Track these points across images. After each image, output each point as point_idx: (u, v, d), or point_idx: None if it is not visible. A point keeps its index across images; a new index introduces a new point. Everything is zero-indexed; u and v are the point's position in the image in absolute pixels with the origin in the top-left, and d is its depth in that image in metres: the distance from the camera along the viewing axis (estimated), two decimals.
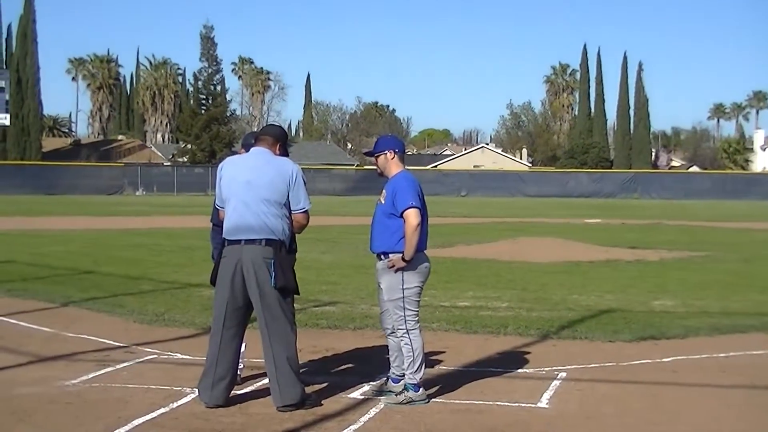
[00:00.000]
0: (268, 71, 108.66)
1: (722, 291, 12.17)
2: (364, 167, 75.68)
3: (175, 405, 6.10)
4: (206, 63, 74.28)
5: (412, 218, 6.11)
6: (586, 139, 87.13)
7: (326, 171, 71.64)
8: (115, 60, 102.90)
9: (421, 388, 6.23)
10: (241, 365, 6.50)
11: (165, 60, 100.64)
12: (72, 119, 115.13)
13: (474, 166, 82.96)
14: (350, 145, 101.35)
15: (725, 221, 31.72)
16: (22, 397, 6.29)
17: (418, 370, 6.19)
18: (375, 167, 6.53)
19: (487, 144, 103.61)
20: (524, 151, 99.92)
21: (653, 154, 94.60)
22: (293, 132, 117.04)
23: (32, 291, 11.57)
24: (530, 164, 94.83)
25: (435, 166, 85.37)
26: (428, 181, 58.19)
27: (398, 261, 6.15)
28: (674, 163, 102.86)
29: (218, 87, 76.80)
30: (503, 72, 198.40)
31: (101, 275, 13.46)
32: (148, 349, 7.99)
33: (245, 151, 6.45)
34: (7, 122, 62.77)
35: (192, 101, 77.54)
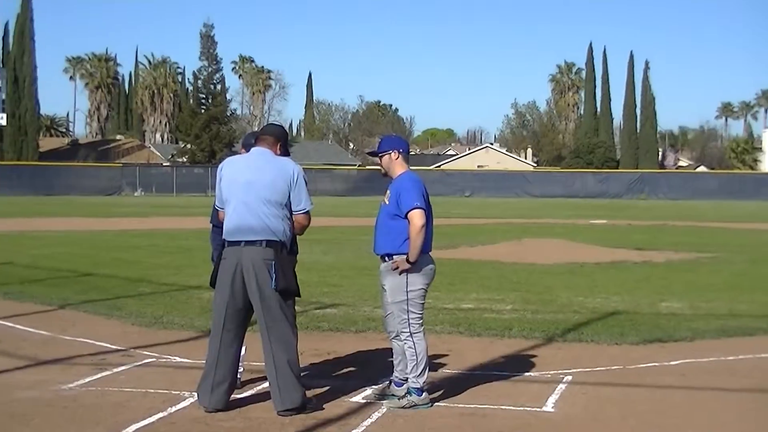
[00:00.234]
0: (269, 70, 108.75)
1: (730, 293, 12.15)
2: (366, 167, 75.72)
3: (174, 409, 6.09)
4: (206, 62, 74.34)
5: (417, 219, 6.11)
6: (592, 139, 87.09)
7: (328, 171, 71.64)
8: (114, 59, 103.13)
9: (425, 392, 6.22)
10: (241, 368, 6.50)
11: (164, 59, 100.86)
12: (69, 119, 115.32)
13: (478, 166, 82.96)
14: (352, 145, 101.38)
15: (733, 222, 31.70)
16: (19, 401, 6.29)
17: (422, 374, 6.19)
18: (378, 167, 6.52)
19: (492, 144, 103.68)
20: (529, 151, 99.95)
21: (660, 154, 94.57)
22: (294, 131, 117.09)
23: (29, 293, 11.58)
24: (535, 164, 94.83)
25: (438, 166, 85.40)
26: (431, 182, 58.14)
27: (402, 263, 6.14)
28: (681, 163, 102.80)
29: (218, 86, 76.83)
30: (508, 70, 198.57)
31: (99, 277, 13.46)
32: (147, 353, 7.99)
33: (246, 151, 6.45)
34: (4, 122, 62.94)
35: (191, 101, 77.56)
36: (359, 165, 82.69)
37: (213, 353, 6.05)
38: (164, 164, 75.78)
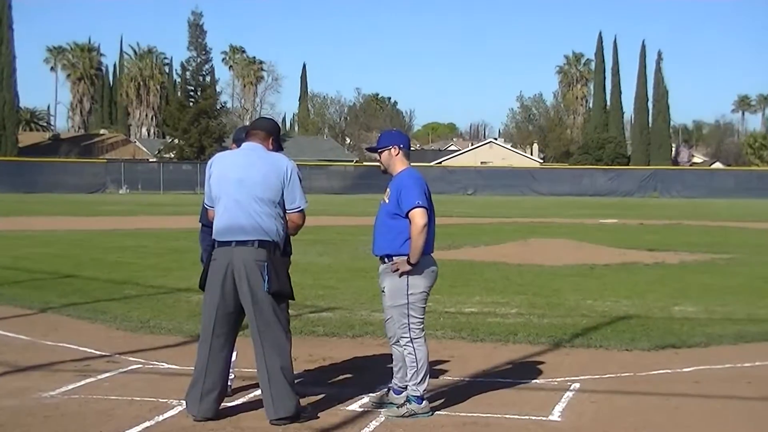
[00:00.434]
0: (261, 61, 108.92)
1: (748, 296, 12.17)
2: (364, 164, 75.73)
3: (161, 418, 6.10)
4: (195, 52, 74.40)
5: (419, 218, 6.11)
6: (602, 134, 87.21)
7: (323, 167, 71.74)
8: (97, 49, 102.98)
9: (425, 401, 6.23)
10: (232, 375, 6.51)
11: (150, 49, 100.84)
12: (51, 112, 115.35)
13: (481, 163, 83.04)
14: (349, 140, 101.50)
15: (750, 221, 31.73)
16: None
17: (422, 382, 6.20)
18: (378, 164, 6.52)
19: (496, 139, 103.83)
20: (535, 147, 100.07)
21: (673, 150, 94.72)
22: (288, 126, 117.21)
23: (8, 296, 11.58)
24: (542, 160, 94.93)
25: (440, 163, 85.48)
26: (432, 179, 58.18)
27: (403, 264, 6.14)
28: (696, 160, 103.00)
29: (207, 78, 76.91)
30: (513, 62, 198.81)
31: (83, 279, 13.47)
32: (133, 359, 8.00)
33: (236, 147, 6.46)
34: None
35: (179, 93, 77.60)
36: (356, 161, 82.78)
37: (202, 359, 6.05)
38: (151, 160, 75.86)
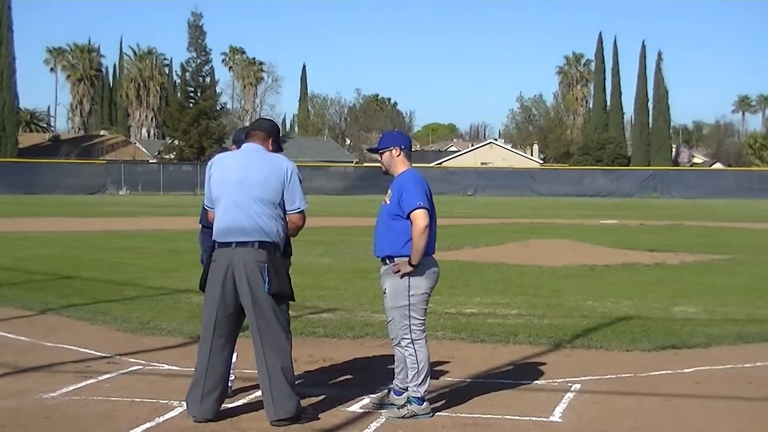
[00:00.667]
0: (261, 62, 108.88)
1: (748, 296, 12.17)
2: (364, 164, 75.75)
3: (162, 419, 6.10)
4: (195, 53, 74.39)
5: (420, 220, 6.10)
6: (602, 134, 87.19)
7: (323, 168, 71.71)
8: (97, 50, 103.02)
9: (425, 402, 6.23)
10: (233, 376, 6.51)
11: (150, 50, 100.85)
12: (51, 113, 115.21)
13: (481, 164, 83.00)
14: (349, 141, 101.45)
15: (751, 222, 31.73)
16: None
17: (423, 383, 6.20)
18: (378, 164, 6.52)
19: (496, 139, 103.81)
20: (535, 147, 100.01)
21: (674, 150, 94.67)
22: (288, 127, 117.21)
23: (8, 297, 11.58)
24: (542, 161, 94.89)
25: (440, 163, 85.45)
26: (433, 180, 58.05)
27: (404, 265, 6.14)
28: (696, 160, 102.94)
29: (207, 79, 76.89)
30: (513, 62, 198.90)
31: (83, 280, 13.47)
32: (133, 360, 8.00)
33: (236, 148, 6.47)
34: None
35: (179, 94, 77.56)
36: (356, 162, 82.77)
37: (203, 360, 6.05)
38: (151, 161, 75.85)
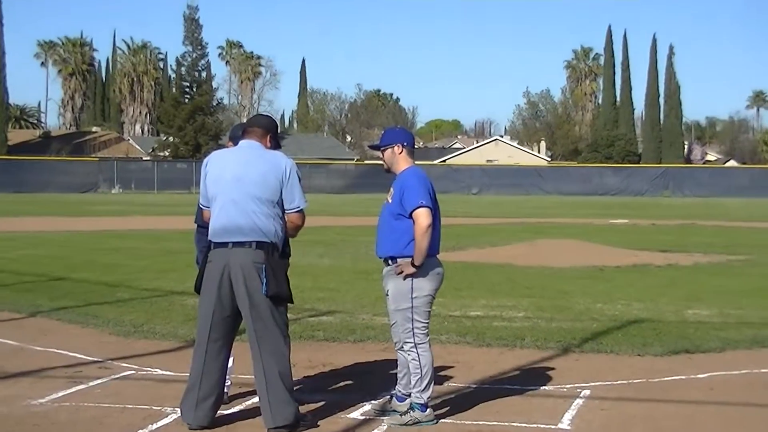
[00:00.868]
0: (259, 56, 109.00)
1: (764, 299, 12.15)
2: (365, 162, 75.82)
3: (155, 426, 6.09)
4: (190, 47, 74.45)
5: (422, 219, 6.08)
6: (612, 131, 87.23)
7: (323, 166, 71.78)
8: (89, 43, 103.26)
9: (429, 408, 6.21)
10: (229, 382, 6.50)
11: (144, 43, 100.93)
12: (41, 109, 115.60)
13: (487, 161, 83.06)
14: (350, 138, 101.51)
15: (767, 221, 31.69)
16: None
17: (426, 389, 6.17)
18: (380, 162, 6.50)
19: (502, 136, 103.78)
20: (542, 144, 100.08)
21: (686, 147, 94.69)
22: (287, 123, 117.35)
23: None
24: (549, 158, 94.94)
25: (444, 161, 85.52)
26: (436, 177, 58.06)
27: (407, 266, 6.12)
28: (709, 157, 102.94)
29: (203, 74, 77.02)
30: (519, 56, 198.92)
31: (74, 282, 13.47)
32: (125, 365, 7.98)
33: (233, 145, 6.46)
34: None
35: (174, 89, 77.70)
36: (357, 159, 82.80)
37: (198, 365, 6.04)
38: (144, 158, 75.91)
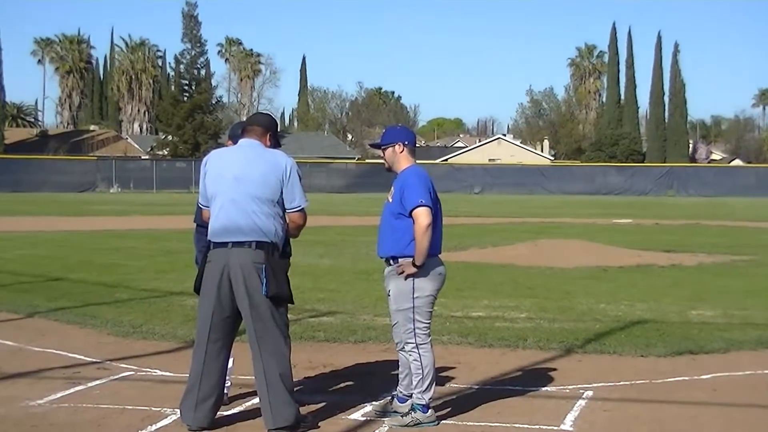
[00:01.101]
0: (259, 53, 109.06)
1: None
2: (366, 161, 75.78)
3: (154, 427, 6.10)
4: (189, 44, 74.48)
5: (422, 218, 6.10)
6: (616, 130, 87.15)
7: (324, 165, 71.75)
8: (87, 41, 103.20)
9: (430, 409, 6.23)
10: (229, 383, 6.51)
11: (143, 41, 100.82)
12: (38, 107, 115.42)
13: (489, 160, 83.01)
14: (350, 137, 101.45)
15: None
16: None
17: (428, 389, 6.19)
18: (381, 161, 6.51)
19: (504, 135, 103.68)
20: (546, 143, 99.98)
21: (691, 146, 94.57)
22: (287, 121, 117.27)
23: None
24: (552, 157, 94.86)
25: (445, 160, 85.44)
26: (438, 177, 58.02)
27: (408, 266, 6.13)
28: (714, 156, 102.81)
29: (203, 71, 77.00)
30: (522, 54, 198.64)
31: (72, 282, 13.48)
32: (124, 365, 8.00)
33: (233, 143, 6.47)
34: None
35: (173, 87, 77.72)
36: (358, 158, 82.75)
37: (197, 366, 6.05)
38: (143, 157, 75.89)
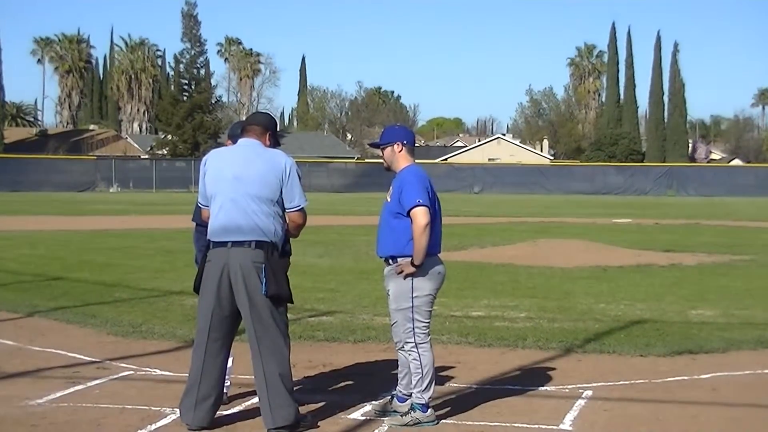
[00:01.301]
0: (258, 53, 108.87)
1: None
2: (366, 161, 75.78)
3: (154, 427, 6.10)
4: (189, 44, 74.44)
5: (420, 217, 6.10)
6: (615, 129, 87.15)
7: (323, 165, 71.73)
8: (87, 40, 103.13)
9: (430, 409, 6.23)
10: (228, 382, 6.51)
11: (142, 40, 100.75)
12: (38, 107, 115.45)
13: (489, 160, 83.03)
14: (350, 136, 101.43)
15: None
16: None
17: (427, 389, 6.19)
18: (381, 160, 6.52)
19: (504, 134, 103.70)
20: (545, 143, 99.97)
21: (690, 146, 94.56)
22: (287, 121, 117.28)
23: None
24: (552, 157, 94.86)
25: (445, 160, 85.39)
26: (438, 176, 58.17)
27: (407, 266, 6.13)
28: (714, 156, 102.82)
29: (202, 71, 76.97)
30: (521, 54, 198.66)
31: (71, 282, 13.48)
32: (124, 365, 8.00)
33: (232, 143, 6.47)
34: None
35: (173, 87, 77.66)
36: (358, 158, 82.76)
37: (197, 365, 6.05)
38: (143, 157, 75.88)
